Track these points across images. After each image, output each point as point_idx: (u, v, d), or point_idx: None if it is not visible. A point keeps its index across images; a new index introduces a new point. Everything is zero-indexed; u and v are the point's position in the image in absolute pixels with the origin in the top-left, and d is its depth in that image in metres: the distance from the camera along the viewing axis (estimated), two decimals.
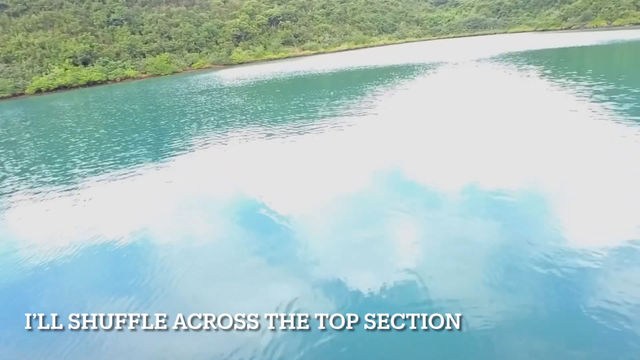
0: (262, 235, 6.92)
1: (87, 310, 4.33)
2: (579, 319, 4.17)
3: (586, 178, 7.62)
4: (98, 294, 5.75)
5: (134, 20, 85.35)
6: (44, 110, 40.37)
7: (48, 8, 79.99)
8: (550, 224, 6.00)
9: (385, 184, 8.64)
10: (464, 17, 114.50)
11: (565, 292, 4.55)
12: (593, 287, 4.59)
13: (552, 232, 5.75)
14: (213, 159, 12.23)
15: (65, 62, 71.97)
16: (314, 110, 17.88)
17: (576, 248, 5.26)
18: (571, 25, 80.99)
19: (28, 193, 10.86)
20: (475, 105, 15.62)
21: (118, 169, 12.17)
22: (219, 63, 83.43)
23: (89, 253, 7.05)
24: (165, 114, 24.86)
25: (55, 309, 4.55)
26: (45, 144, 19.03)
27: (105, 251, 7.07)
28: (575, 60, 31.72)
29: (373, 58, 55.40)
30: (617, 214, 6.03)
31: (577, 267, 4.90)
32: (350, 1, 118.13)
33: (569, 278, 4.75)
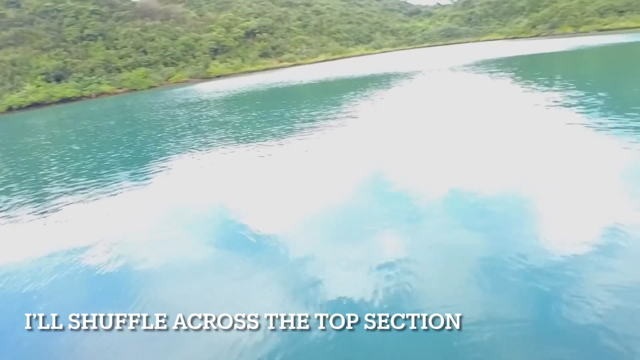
0: (262, 239, 6.97)
1: (87, 310, 4.28)
2: (579, 319, 4.21)
3: (567, 181, 7.75)
4: (98, 294, 5.80)
5: (108, 35, 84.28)
6: (15, 128, 39.36)
7: (18, 24, 78.29)
8: (551, 227, 6.11)
9: (378, 189, 8.74)
10: (438, 26, 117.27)
11: (565, 292, 4.61)
12: (592, 287, 4.66)
13: (553, 235, 5.85)
14: (197, 172, 12.18)
15: (38, 79, 70.30)
16: (294, 121, 17.93)
17: (577, 250, 5.36)
18: (540, 32, 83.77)
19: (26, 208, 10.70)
20: (454, 113, 15.91)
21: (111, 182, 12.08)
22: (196, 77, 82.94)
23: (90, 257, 7.05)
24: (142, 129, 24.61)
25: (55, 309, 4.54)
26: (17, 163, 18.55)
27: (106, 253, 7.10)
28: (545, 65, 32.84)
29: (350, 68, 56.01)
30: (603, 216, 6.14)
31: (576, 268, 4.99)
32: (326, 13, 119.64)
33: (569, 278, 4.82)
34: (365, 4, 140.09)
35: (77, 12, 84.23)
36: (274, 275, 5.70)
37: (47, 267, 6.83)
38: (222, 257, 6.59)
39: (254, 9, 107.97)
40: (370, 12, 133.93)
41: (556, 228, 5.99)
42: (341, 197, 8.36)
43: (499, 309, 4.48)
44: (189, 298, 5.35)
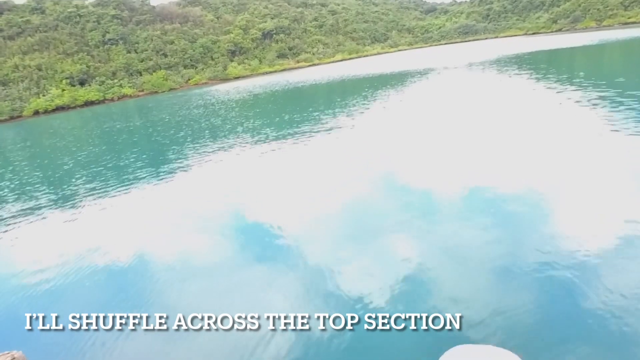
0: (262, 239, 7.01)
1: (87, 310, 4.26)
2: (578, 320, 4.21)
3: (583, 180, 7.55)
4: (98, 295, 5.84)
5: (129, 39, 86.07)
6: (42, 131, 40.46)
7: (43, 30, 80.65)
8: (550, 227, 6.01)
9: (382, 190, 8.65)
10: (455, 23, 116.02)
11: (564, 293, 4.61)
12: (592, 287, 4.64)
13: (552, 235, 5.77)
14: (211, 171, 12.28)
15: (63, 83, 72.31)
16: (310, 121, 17.90)
17: (575, 250, 5.30)
18: (561, 27, 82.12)
19: (28, 209, 10.99)
20: (469, 110, 15.67)
21: (116, 182, 12.33)
22: (215, 78, 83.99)
23: (90, 257, 7.15)
24: (161, 130, 24.95)
25: (55, 309, 4.54)
26: (43, 164, 19.16)
27: (106, 253, 7.21)
28: (565, 60, 32.14)
29: (367, 67, 55.72)
30: (617, 217, 6.00)
31: (576, 268, 4.96)
32: (341, 12, 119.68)
33: (567, 279, 4.80)
34: (381, 3, 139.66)
35: (98, 17, 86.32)
36: (274, 276, 5.73)
37: (48, 267, 6.93)
38: (228, 258, 6.57)
39: (270, 10, 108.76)
40: (385, 10, 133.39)
41: (558, 232, 5.83)
42: (353, 197, 8.28)
43: (499, 309, 4.49)
44: (191, 298, 5.42)
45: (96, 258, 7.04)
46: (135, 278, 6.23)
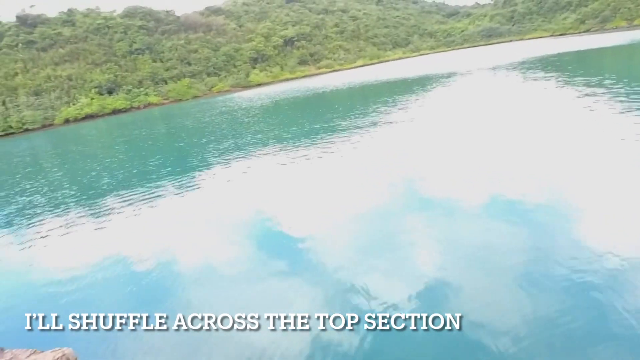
0: (263, 240, 7.10)
1: (88, 310, 4.29)
2: (579, 321, 4.09)
3: (610, 188, 7.12)
4: (98, 294, 5.88)
5: (154, 49, 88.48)
6: (71, 138, 41.99)
7: (74, 42, 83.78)
8: (573, 235, 5.82)
9: (394, 191, 8.58)
10: (478, 26, 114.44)
11: (564, 293, 4.50)
12: (591, 288, 4.52)
13: (573, 242, 5.59)
14: (230, 175, 12.36)
15: (91, 92, 74.87)
16: (331, 127, 17.85)
17: (597, 259, 5.09)
18: (589, 28, 79.86)
19: (50, 212, 11.27)
20: (493, 115, 15.28)
21: (139, 187, 12.56)
22: (237, 85, 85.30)
23: (90, 256, 7.24)
24: (185, 136, 25.49)
25: (55, 309, 4.50)
26: (72, 169, 19.80)
27: (106, 253, 7.29)
28: (594, 62, 31.16)
29: (388, 72, 55.60)
30: None
31: (597, 277, 4.76)
32: (362, 18, 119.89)
33: (568, 279, 4.70)
34: (402, 7, 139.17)
35: (126, 28, 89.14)
36: (275, 277, 5.77)
37: (48, 267, 7.02)
38: (222, 261, 6.57)
39: (292, 17, 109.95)
40: (407, 15, 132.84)
41: (592, 239, 5.53)
42: (369, 202, 8.14)
43: (499, 309, 4.42)
44: (190, 298, 5.46)
45: (97, 259, 7.10)
46: (136, 279, 6.28)
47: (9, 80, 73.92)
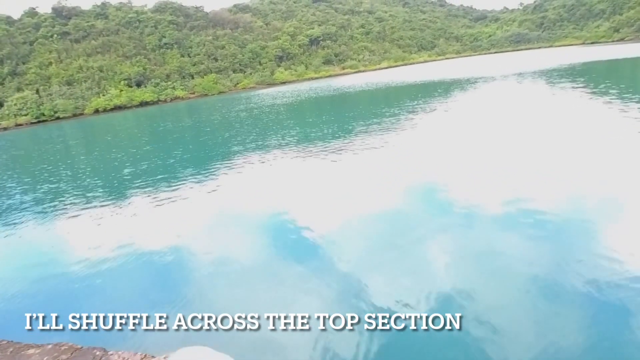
0: (266, 240, 7.10)
1: (88, 310, 4.26)
2: (579, 322, 4.16)
3: (632, 199, 6.96)
4: (99, 294, 5.90)
5: (183, 44, 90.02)
6: (100, 128, 43.04)
7: (106, 34, 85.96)
8: (560, 237, 5.91)
9: (406, 194, 8.53)
10: (506, 32, 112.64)
11: (565, 293, 4.58)
12: (591, 288, 4.58)
13: (560, 244, 5.70)
14: (250, 171, 12.45)
15: (121, 84, 76.73)
16: (352, 127, 17.84)
17: (614, 269, 5.09)
18: (624, 36, 77.69)
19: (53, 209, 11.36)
20: (513, 121, 15.08)
21: (159, 178, 12.74)
22: (262, 83, 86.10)
23: (91, 256, 7.26)
24: (209, 131, 25.80)
25: (55, 309, 4.41)
26: (100, 158, 20.40)
27: (107, 253, 7.32)
28: (627, 71, 30.25)
29: (413, 75, 55.13)
30: None
31: (580, 275, 4.88)
32: (388, 20, 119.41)
33: (568, 279, 4.79)
34: (429, 10, 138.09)
35: (156, 22, 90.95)
36: (275, 277, 5.81)
37: (48, 267, 7.04)
38: (238, 259, 6.57)
39: (318, 17, 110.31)
40: (433, 18, 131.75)
41: (608, 249, 5.48)
42: (379, 204, 8.14)
43: (499, 309, 4.48)
44: (190, 298, 5.50)
45: (98, 259, 7.11)
46: (136, 278, 6.34)
47: (43, 69, 76.37)
